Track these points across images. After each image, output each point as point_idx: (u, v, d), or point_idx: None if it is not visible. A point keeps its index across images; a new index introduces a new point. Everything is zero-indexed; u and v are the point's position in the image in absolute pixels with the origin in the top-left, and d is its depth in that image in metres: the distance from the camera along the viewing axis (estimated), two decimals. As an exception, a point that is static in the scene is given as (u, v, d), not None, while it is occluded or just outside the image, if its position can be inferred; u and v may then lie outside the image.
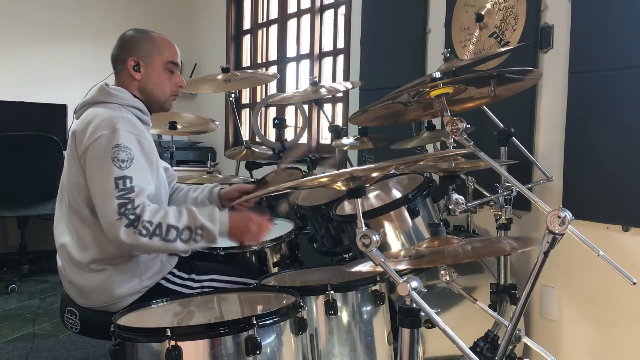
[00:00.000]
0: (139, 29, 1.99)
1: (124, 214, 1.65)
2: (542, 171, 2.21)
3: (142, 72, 1.92)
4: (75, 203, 1.82)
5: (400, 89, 1.53)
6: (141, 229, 1.65)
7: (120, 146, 1.72)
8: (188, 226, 1.71)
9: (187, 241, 1.71)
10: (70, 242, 1.84)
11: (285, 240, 2.17)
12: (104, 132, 1.74)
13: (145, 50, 1.92)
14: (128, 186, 1.68)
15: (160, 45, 1.95)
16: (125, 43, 1.94)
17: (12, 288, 4.03)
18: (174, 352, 1.34)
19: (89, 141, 1.75)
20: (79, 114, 1.90)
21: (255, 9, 4.94)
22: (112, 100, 1.85)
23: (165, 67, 1.95)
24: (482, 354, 1.82)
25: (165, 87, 1.96)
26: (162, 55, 1.94)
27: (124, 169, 1.70)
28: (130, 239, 1.65)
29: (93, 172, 1.73)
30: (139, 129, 1.83)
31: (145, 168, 1.77)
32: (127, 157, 1.72)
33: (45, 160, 4.01)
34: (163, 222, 1.68)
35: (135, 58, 1.91)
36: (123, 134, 1.74)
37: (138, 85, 1.93)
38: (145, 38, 1.94)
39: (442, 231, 1.43)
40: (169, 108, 2.03)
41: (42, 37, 4.91)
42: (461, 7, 2.74)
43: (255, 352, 1.37)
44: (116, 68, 1.95)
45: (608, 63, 2.17)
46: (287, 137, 3.59)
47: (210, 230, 1.74)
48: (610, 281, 2.16)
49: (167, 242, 1.69)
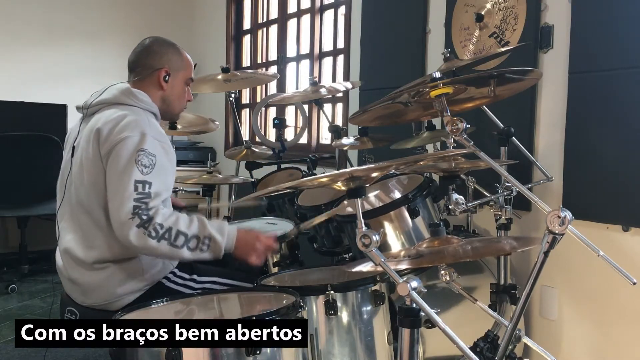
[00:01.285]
0: (166, 40, 2.01)
1: (137, 214, 1.66)
2: (542, 171, 2.21)
3: (169, 84, 1.95)
4: (87, 202, 1.81)
5: (400, 89, 1.54)
6: (151, 230, 1.66)
7: (146, 151, 1.73)
8: (197, 235, 1.72)
9: (193, 250, 1.72)
10: (74, 239, 1.84)
11: (285, 240, 2.17)
12: (132, 135, 1.74)
13: (175, 63, 1.97)
14: (147, 191, 1.69)
15: (186, 61, 2.01)
16: (157, 52, 1.96)
17: (12, 288, 4.03)
18: (174, 352, 1.34)
19: (115, 140, 1.75)
20: (94, 110, 1.89)
21: (255, 9, 4.94)
22: (136, 103, 1.87)
23: (185, 83, 2.01)
24: (482, 354, 1.83)
25: (182, 101, 2.03)
26: (186, 71, 2.00)
27: (145, 174, 1.71)
28: (139, 240, 1.66)
29: (114, 171, 1.73)
30: (163, 135, 1.85)
31: (167, 174, 1.79)
32: (149, 163, 1.73)
33: (45, 160, 3.99)
34: (173, 227, 1.69)
35: (167, 69, 1.94)
36: (149, 140, 1.76)
37: (162, 95, 1.96)
38: (176, 51, 1.99)
39: (442, 231, 1.43)
40: (178, 119, 2.07)
41: (42, 37, 4.91)
42: (461, 7, 2.74)
43: (255, 352, 1.37)
44: (140, 73, 1.95)
45: (608, 63, 2.17)
46: (287, 137, 3.59)
47: (218, 241, 1.74)
48: (610, 281, 2.15)
49: (174, 248, 1.69)
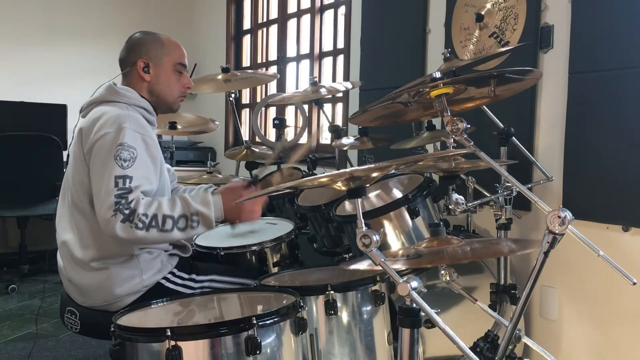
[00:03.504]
0: (146, 31, 2.00)
1: (118, 209, 1.66)
2: (542, 171, 2.21)
3: (151, 74, 1.93)
4: (78, 201, 1.82)
5: (400, 89, 1.53)
6: (137, 222, 1.66)
7: (124, 145, 1.72)
8: (183, 214, 1.72)
9: (184, 229, 1.72)
10: (72, 239, 1.84)
11: (285, 240, 2.17)
12: (110, 130, 1.75)
13: (154, 52, 1.94)
14: (127, 186, 1.69)
15: (169, 46, 1.97)
16: (134, 45, 1.95)
17: (12, 288, 4.03)
18: (174, 352, 1.34)
19: (94, 138, 1.76)
20: (86, 112, 1.91)
21: (255, 9, 4.94)
22: (119, 99, 1.86)
23: (174, 69, 1.97)
24: (482, 354, 1.83)
25: (174, 88, 1.98)
26: (170, 57, 1.96)
27: (125, 168, 1.70)
28: (127, 233, 1.66)
29: (95, 169, 1.74)
30: (145, 128, 1.83)
31: (148, 167, 1.78)
32: (129, 157, 1.72)
33: (45, 160, 4.01)
34: (158, 213, 1.69)
35: (145, 59, 1.92)
36: (128, 133, 1.75)
37: (147, 87, 1.94)
38: (154, 40, 1.96)
39: (442, 231, 1.43)
40: (177, 109, 2.05)
41: (42, 37, 4.91)
42: (461, 7, 2.74)
43: (255, 352, 1.37)
44: (124, 70, 1.95)
45: (608, 63, 2.17)
46: (287, 137, 3.59)
47: (206, 214, 1.75)
48: (610, 281, 2.16)
49: (164, 233, 1.70)
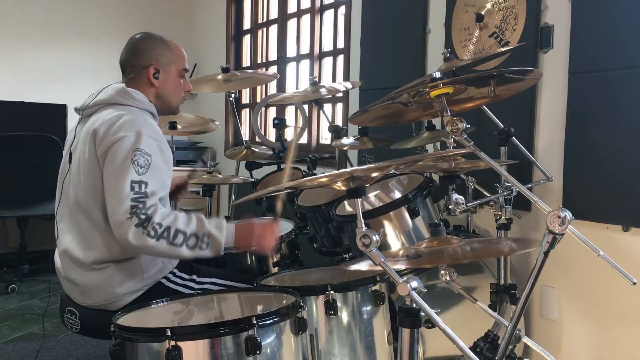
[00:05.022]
0: (149, 34, 1.98)
1: (135, 213, 1.65)
2: (542, 171, 2.21)
3: (160, 79, 1.93)
4: (85, 203, 1.81)
5: (400, 89, 1.54)
6: (150, 230, 1.65)
7: (142, 151, 1.73)
8: (195, 233, 1.71)
9: (192, 248, 1.71)
10: (73, 240, 1.84)
11: (285, 240, 2.17)
12: (128, 134, 1.74)
13: (163, 58, 1.94)
14: (143, 191, 1.69)
15: (176, 53, 1.98)
16: (142, 49, 1.94)
17: (12, 288, 4.03)
18: (174, 352, 1.34)
19: (111, 140, 1.75)
20: (90, 112, 1.89)
21: (255, 9, 4.94)
22: (132, 103, 1.86)
23: (179, 75, 1.98)
24: (482, 354, 1.83)
25: (179, 93, 2.00)
26: (177, 63, 1.97)
27: (141, 174, 1.71)
28: (138, 239, 1.65)
29: (111, 171, 1.73)
30: (160, 135, 1.84)
31: (162, 174, 1.78)
32: (145, 163, 1.72)
33: (45, 160, 3.99)
34: (172, 226, 1.68)
35: (156, 66, 1.92)
36: (146, 140, 1.75)
37: (155, 92, 1.94)
38: (162, 45, 1.95)
39: (442, 231, 1.43)
40: (178, 112, 2.07)
41: (42, 37, 4.90)
42: (461, 7, 2.74)
43: (255, 352, 1.37)
44: (130, 72, 1.94)
45: (608, 63, 2.17)
46: (287, 137, 3.59)
47: (217, 238, 1.73)
48: (610, 281, 2.15)
49: (173, 247, 1.68)
